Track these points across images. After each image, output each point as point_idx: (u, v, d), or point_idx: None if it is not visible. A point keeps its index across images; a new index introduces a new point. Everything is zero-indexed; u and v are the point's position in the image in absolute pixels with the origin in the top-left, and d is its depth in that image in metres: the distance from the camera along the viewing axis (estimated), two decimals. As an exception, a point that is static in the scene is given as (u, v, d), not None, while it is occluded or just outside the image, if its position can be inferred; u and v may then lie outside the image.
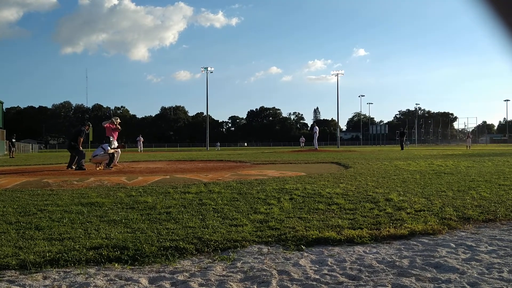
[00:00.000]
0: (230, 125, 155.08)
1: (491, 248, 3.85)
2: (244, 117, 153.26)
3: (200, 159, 20.49)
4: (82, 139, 13.74)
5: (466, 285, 2.92)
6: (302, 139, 57.97)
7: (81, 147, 13.67)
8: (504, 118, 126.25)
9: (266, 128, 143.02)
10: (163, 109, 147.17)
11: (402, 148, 37.85)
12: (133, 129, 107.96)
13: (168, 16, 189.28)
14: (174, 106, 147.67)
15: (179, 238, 4.07)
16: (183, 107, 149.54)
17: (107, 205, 5.84)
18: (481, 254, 3.66)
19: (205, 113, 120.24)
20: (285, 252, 3.76)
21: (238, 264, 3.44)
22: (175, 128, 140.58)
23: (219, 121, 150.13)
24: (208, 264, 3.45)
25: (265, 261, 3.52)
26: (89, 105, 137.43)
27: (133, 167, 14.26)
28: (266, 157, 21.06)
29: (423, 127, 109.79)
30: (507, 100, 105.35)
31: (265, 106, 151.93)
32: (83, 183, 8.45)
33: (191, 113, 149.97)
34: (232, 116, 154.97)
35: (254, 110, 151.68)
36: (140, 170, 12.48)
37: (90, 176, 10.05)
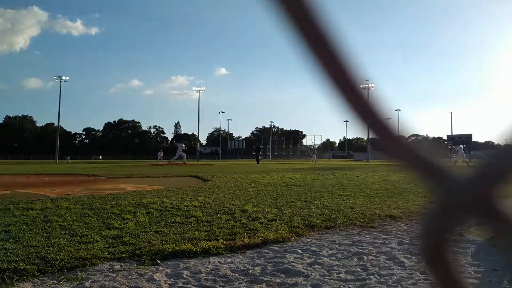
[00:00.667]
0: (84, 137, 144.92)
1: (331, 252, 4.25)
2: (101, 129, 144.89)
3: (48, 172, 19.01)
4: None
5: (310, 287, 3.17)
6: (161, 153, 56.93)
7: None
8: (344, 136, 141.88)
9: (125, 141, 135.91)
10: (7, 118, 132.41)
11: (257, 162, 39.80)
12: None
13: (19, 19, 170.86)
14: (20, 115, 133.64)
15: (19, 259, 3.65)
16: (30, 116, 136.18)
17: None
18: (323, 258, 4.02)
19: (56, 124, 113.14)
20: (139, 268, 3.63)
21: (87, 284, 3.21)
22: (20, 139, 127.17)
23: (72, 133, 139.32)
24: (52, 286, 3.15)
25: (117, 278, 3.35)
26: None
27: None
28: (123, 171, 20.24)
29: (276, 143, 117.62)
30: (346, 121, 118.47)
31: (124, 119, 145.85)
32: None
33: (41, 123, 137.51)
34: (86, 128, 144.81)
35: (112, 122, 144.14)
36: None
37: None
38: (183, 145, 38.26)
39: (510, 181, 0.27)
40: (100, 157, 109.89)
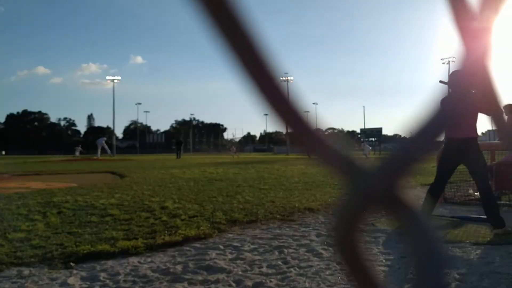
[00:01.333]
0: None
1: (253, 246, 4.32)
2: (2, 122, 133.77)
3: None
4: None
5: (232, 283, 3.20)
6: (79, 148, 53.86)
7: None
8: (264, 130, 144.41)
9: (31, 134, 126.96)
10: None
11: (178, 157, 39.23)
12: None
13: None
14: None
15: None
16: None
17: None
18: (245, 252, 4.08)
19: None
20: (50, 272, 3.43)
21: (-10, 293, 2.97)
22: None
23: None
24: (-52, 298, 2.88)
25: (26, 284, 3.13)
26: None
27: None
28: (30, 168, 18.92)
29: (197, 136, 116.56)
30: (266, 115, 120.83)
31: (29, 110, 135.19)
32: None
33: None
34: None
35: (16, 114, 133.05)
36: None
37: None
38: (103, 140, 37.00)
39: (413, 172, 0.29)
40: (3, 152, 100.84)
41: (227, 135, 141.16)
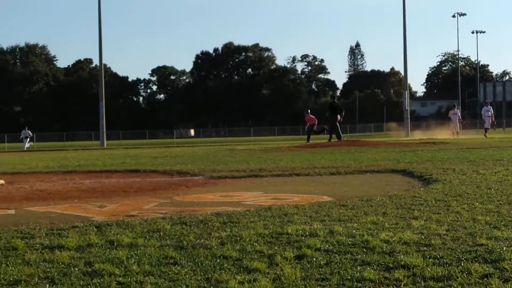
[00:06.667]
0: (155, 88, 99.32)
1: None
2: (189, 69, 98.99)
3: (89, 168, 11.77)
4: None
5: None
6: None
7: None
8: None
9: (241, 91, 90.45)
10: None
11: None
12: None
13: None
14: (27, 44, 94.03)
15: None
16: (44, 47, 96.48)
17: None
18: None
19: (95, 61, 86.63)
20: None
21: None
22: (26, 98, 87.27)
23: (128, 79, 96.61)
24: None
25: None
26: None
27: None
28: (240, 162, 12.45)
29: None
30: None
31: (236, 43, 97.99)
32: None
33: (63, 61, 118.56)
34: (159, 68, 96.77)
35: (212, 53, 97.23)
36: None
37: None
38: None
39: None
40: (192, 131, 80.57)
41: None
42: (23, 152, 29.24)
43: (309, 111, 29.13)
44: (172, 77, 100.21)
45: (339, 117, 22.40)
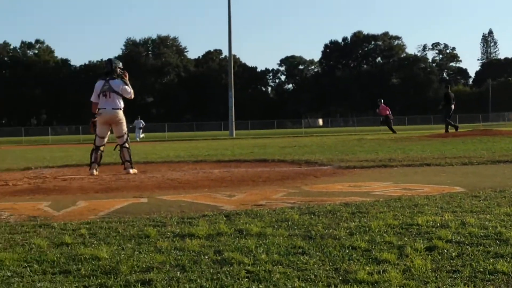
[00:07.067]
0: (283, 78, 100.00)
1: None
2: (317, 59, 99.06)
3: (218, 158, 11.89)
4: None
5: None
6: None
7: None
8: None
9: (370, 81, 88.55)
10: (131, 43, 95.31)
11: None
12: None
13: None
14: (159, 36, 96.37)
15: None
16: (175, 38, 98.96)
17: (10, 267, 2.97)
18: None
19: (225, 52, 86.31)
20: None
21: None
22: (158, 89, 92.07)
23: (256, 69, 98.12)
24: None
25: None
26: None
27: (65, 177, 8.31)
28: (369, 152, 12.25)
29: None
30: None
31: (365, 32, 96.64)
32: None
33: (193, 52, 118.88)
34: (287, 58, 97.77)
35: (340, 42, 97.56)
36: (80, 185, 7.18)
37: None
38: None
39: None
40: (320, 121, 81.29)
41: None
42: (154, 142, 30.07)
43: (382, 101, 28.12)
44: (301, 67, 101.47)
45: (453, 107, 21.28)
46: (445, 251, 3.03)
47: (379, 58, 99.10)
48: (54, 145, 28.55)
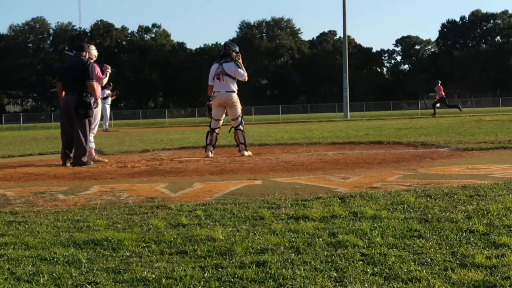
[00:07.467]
0: (399, 58, 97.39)
1: None
2: (434, 39, 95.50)
3: (332, 140, 11.72)
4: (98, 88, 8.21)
5: None
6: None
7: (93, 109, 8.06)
8: None
9: (489, 60, 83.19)
10: (245, 26, 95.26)
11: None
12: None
13: None
14: (273, 18, 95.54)
15: None
16: (289, 20, 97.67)
17: (129, 247, 3.11)
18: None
19: (339, 33, 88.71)
20: None
21: None
22: (272, 71, 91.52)
23: (371, 50, 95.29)
24: None
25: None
26: (86, 25, 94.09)
27: (181, 159, 8.49)
28: (488, 133, 11.68)
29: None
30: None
31: (483, 11, 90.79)
32: (78, 198, 4.96)
33: (307, 34, 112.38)
34: (403, 38, 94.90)
35: (458, 21, 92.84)
36: (196, 167, 7.27)
37: (93, 182, 6.07)
38: None
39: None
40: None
41: None
42: (268, 124, 30.34)
43: (439, 82, 25.92)
44: (417, 47, 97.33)
45: None
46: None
47: (498, 37, 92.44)
48: (170, 128, 29.76)
